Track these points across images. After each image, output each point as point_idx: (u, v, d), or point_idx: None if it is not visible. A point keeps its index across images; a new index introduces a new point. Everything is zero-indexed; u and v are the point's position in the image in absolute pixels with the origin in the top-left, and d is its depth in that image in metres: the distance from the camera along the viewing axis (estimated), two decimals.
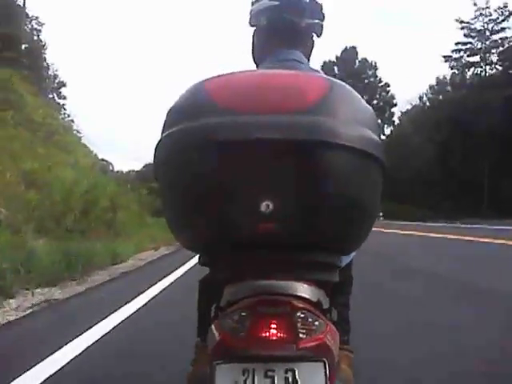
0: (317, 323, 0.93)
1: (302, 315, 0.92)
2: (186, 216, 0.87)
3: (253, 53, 1.44)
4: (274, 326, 0.90)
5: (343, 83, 0.91)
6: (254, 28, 1.40)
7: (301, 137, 0.76)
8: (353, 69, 51.20)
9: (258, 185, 0.80)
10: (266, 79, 0.88)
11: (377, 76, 53.59)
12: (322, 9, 1.34)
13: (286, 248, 0.84)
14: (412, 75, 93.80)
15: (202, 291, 1.35)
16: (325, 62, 50.26)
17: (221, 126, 0.78)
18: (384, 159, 0.86)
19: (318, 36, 1.39)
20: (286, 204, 0.80)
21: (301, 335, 0.90)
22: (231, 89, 0.84)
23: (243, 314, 0.93)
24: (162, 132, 0.88)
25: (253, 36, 1.42)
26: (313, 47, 1.42)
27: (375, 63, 53.21)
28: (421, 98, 48.86)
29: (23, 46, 24.65)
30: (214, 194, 0.80)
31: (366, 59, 52.88)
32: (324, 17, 1.35)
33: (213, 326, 0.98)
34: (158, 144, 0.88)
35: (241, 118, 0.78)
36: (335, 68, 50.65)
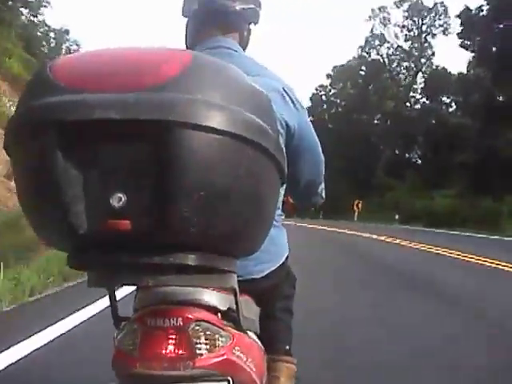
0: (220, 336, 0.83)
1: (198, 327, 0.82)
2: (35, 210, 0.76)
3: (186, 44, 1.37)
4: (167, 341, 0.80)
5: (214, 58, 0.79)
6: (186, 19, 1.33)
7: (150, 116, 0.65)
8: None
9: (106, 174, 0.69)
10: (116, 55, 0.77)
11: None
12: None
13: (149, 250, 0.71)
14: None
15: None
16: None
17: (59, 104, 0.68)
18: (265, 142, 0.74)
19: (255, 23, 1.31)
20: (141, 196, 0.68)
21: (199, 351, 0.80)
22: (77, 67, 0.75)
23: (134, 327, 0.83)
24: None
25: (186, 27, 1.35)
26: (249, 35, 1.34)
27: None
28: None
29: None
30: (56, 185, 0.68)
31: None
32: (260, 4, 1.28)
33: (112, 341, 0.89)
34: (7, 125, 0.77)
35: (82, 96, 0.68)
36: None
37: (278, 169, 0.79)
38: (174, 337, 0.80)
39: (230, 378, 0.81)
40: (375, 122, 43.36)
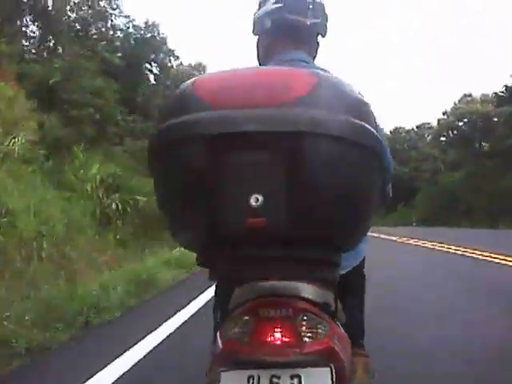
0: (322, 326, 0.91)
1: (305, 317, 0.90)
2: (177, 212, 0.88)
3: (258, 60, 1.47)
4: (277, 330, 0.88)
5: (334, 77, 0.90)
6: (257, 36, 1.43)
7: (284, 128, 0.77)
8: None
9: (245, 178, 0.80)
10: (251, 75, 0.89)
11: None
12: (324, 9, 1.35)
13: (276, 244, 0.82)
14: None
15: (216, 294, 1.33)
16: None
17: (204, 120, 0.79)
18: (378, 147, 0.85)
19: (323, 36, 1.40)
20: (276, 197, 0.79)
21: (305, 339, 0.88)
22: (218, 86, 0.86)
23: (245, 318, 0.92)
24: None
25: (257, 44, 1.45)
26: (318, 48, 1.43)
27: None
28: None
29: None
30: (200, 189, 0.81)
31: None
32: (327, 17, 1.37)
33: (218, 332, 0.97)
34: (149, 140, 0.89)
35: (226, 112, 0.79)
36: None
37: (382, 169, 0.90)
38: (284, 326, 0.88)
39: (331, 365, 0.88)
40: None
